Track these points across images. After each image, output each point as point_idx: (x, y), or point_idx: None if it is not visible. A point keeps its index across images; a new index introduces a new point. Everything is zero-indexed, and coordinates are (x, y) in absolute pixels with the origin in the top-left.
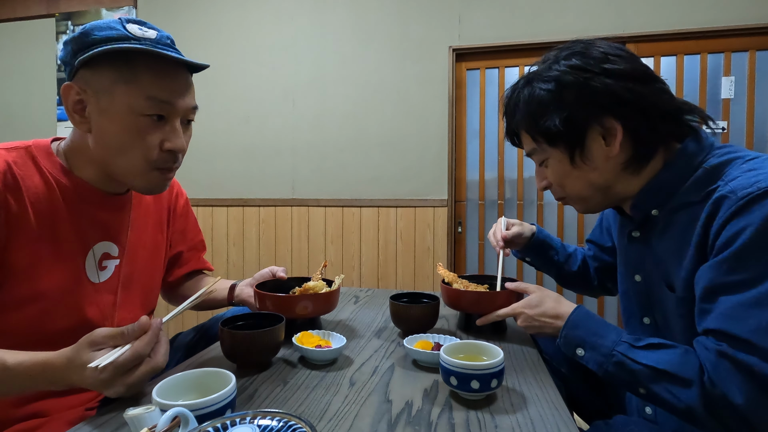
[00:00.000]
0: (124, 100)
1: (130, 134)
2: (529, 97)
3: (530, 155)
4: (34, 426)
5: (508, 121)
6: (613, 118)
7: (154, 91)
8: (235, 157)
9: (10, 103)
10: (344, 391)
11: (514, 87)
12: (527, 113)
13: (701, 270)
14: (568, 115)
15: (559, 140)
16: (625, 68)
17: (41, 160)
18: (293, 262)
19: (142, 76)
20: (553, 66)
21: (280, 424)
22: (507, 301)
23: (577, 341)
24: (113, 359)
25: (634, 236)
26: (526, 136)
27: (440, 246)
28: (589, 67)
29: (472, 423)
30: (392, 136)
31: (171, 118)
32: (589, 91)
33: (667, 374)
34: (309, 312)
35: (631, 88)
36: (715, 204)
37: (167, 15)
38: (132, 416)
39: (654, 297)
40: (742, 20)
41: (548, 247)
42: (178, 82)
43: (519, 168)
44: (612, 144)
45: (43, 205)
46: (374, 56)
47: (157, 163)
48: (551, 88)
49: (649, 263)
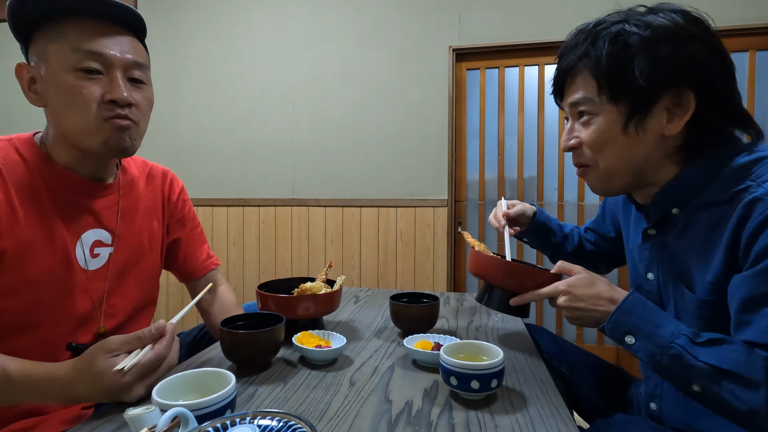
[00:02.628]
0: (55, 60)
1: (68, 91)
2: (617, 37)
3: (576, 105)
4: (31, 425)
5: (568, 58)
6: (692, 94)
7: (80, 43)
8: (235, 157)
9: (10, 103)
10: (344, 391)
11: (594, 23)
12: (608, 53)
13: (738, 279)
14: (654, 71)
15: (627, 96)
16: (717, 45)
17: (24, 151)
18: (293, 262)
19: (68, 32)
20: (649, 15)
21: (280, 424)
22: (548, 281)
23: (628, 327)
24: (137, 361)
25: (650, 234)
26: (588, 79)
27: (440, 246)
28: (693, 31)
29: (472, 423)
30: (392, 136)
31: (108, 71)
32: (685, 55)
33: (732, 374)
34: (311, 312)
35: (723, 74)
36: (747, 207)
37: (167, 15)
38: (132, 416)
39: (667, 296)
40: (742, 20)
41: (547, 230)
42: (107, 35)
43: (519, 168)
44: (675, 121)
45: (28, 193)
46: (374, 56)
47: (102, 113)
48: (647, 36)
49: (664, 262)
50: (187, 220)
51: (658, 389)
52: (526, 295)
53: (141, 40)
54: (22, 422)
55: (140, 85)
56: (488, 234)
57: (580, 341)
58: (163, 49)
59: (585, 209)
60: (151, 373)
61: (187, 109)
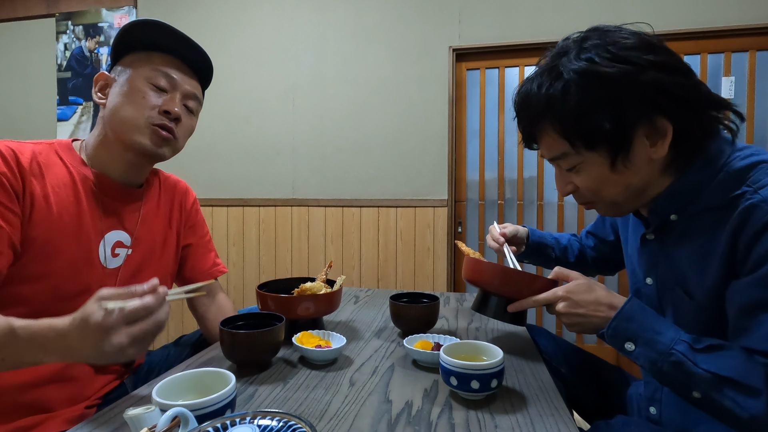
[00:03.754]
0: (135, 72)
1: (135, 92)
2: (564, 93)
3: (555, 160)
4: (35, 423)
5: (528, 122)
6: (664, 118)
7: (161, 65)
8: (235, 157)
9: (10, 103)
10: (344, 391)
11: (533, 81)
12: (563, 112)
13: (737, 285)
14: (617, 115)
15: (602, 143)
16: (669, 60)
17: (63, 153)
18: (293, 262)
19: (155, 60)
20: (582, 56)
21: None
22: (546, 287)
23: (628, 334)
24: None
25: (648, 239)
26: (556, 138)
27: (440, 246)
28: (633, 59)
29: (472, 423)
30: (392, 136)
31: (172, 92)
32: (639, 87)
33: (732, 382)
34: (311, 312)
35: (681, 83)
36: (744, 213)
37: (167, 15)
38: (132, 416)
39: (665, 301)
40: (742, 20)
41: (544, 247)
42: (182, 71)
43: (519, 168)
44: (658, 145)
45: (63, 191)
46: (374, 56)
47: (152, 119)
48: (593, 84)
49: (663, 267)
50: (197, 228)
51: (657, 394)
52: (524, 302)
53: (204, 88)
54: (28, 419)
55: (190, 113)
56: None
57: (580, 342)
58: None
59: (585, 209)
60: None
61: None
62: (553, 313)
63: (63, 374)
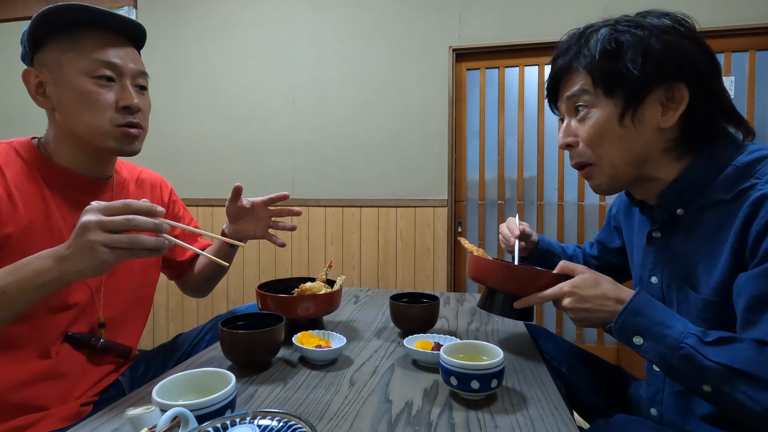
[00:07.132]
0: (73, 66)
1: (85, 96)
2: (609, 37)
3: (572, 97)
4: (30, 422)
5: (562, 59)
6: (685, 87)
7: (96, 53)
8: (235, 157)
9: (10, 103)
10: (344, 391)
11: (584, 27)
12: (601, 50)
13: (744, 278)
14: (646, 63)
15: (620, 89)
16: (710, 49)
17: (22, 151)
18: (293, 262)
19: (84, 43)
20: (638, 19)
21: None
22: (551, 282)
23: (636, 329)
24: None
25: (655, 237)
26: (583, 75)
27: (440, 246)
28: (682, 30)
29: (472, 423)
30: (392, 136)
31: (120, 79)
32: (677, 51)
33: (745, 374)
34: (311, 313)
35: (712, 69)
36: (754, 205)
37: (167, 15)
38: (132, 416)
39: (670, 299)
40: (742, 20)
41: (551, 254)
42: (117, 47)
43: (519, 168)
44: (669, 114)
45: (26, 188)
46: (374, 56)
47: (116, 120)
48: (639, 33)
49: (669, 265)
50: (178, 220)
51: (659, 395)
52: (530, 298)
53: (140, 50)
54: (23, 418)
55: (143, 91)
56: (488, 234)
57: (580, 341)
58: (163, 49)
59: (585, 209)
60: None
61: (187, 109)
62: (560, 308)
63: (52, 372)
